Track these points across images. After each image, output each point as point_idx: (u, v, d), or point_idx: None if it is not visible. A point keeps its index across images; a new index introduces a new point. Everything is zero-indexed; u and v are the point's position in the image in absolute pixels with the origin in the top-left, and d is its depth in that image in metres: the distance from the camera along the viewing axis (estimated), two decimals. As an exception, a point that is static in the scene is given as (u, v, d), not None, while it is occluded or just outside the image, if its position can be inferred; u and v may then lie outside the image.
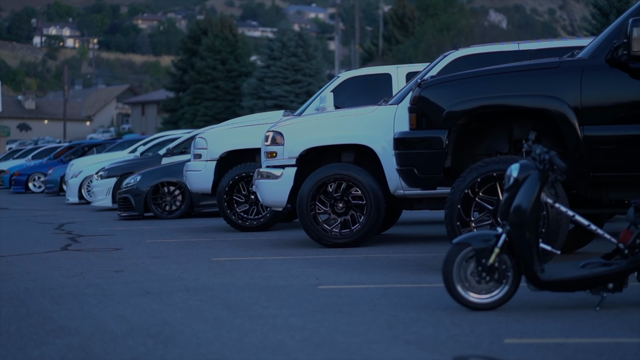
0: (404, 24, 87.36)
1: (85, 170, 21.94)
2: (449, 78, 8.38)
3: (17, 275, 9.11)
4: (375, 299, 7.02)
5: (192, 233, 13.42)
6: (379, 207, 10.54)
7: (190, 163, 13.72)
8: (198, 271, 9.02)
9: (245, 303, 7.04)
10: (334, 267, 9.03)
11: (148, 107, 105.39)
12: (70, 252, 11.30)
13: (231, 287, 7.84)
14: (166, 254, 10.64)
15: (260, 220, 13.25)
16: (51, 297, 7.66)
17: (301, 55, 65.26)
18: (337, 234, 10.68)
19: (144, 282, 8.35)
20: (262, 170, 11.00)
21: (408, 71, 13.14)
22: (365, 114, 10.77)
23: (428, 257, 9.66)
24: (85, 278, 8.77)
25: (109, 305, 7.13)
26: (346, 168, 10.61)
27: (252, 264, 9.42)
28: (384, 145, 10.57)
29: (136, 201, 16.16)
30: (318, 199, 10.68)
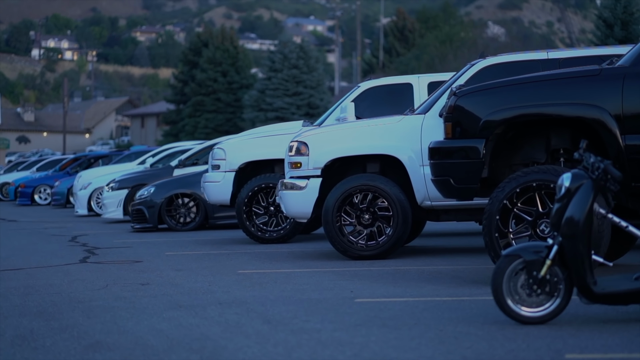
0: (405, 36, 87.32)
1: (94, 182, 21.73)
2: (486, 86, 8.19)
3: (41, 288, 8.91)
4: (417, 313, 6.83)
5: (210, 245, 13.22)
6: (406, 218, 10.35)
7: (208, 174, 13.52)
8: (226, 284, 8.82)
9: (284, 317, 6.84)
10: (365, 279, 8.84)
11: (147, 119, 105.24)
12: (89, 264, 11.10)
13: (265, 301, 7.64)
14: (189, 267, 10.44)
15: (280, 232, 13.05)
16: (81, 310, 7.47)
17: (302, 67, 65.10)
18: (363, 245, 10.48)
19: (174, 295, 8.15)
20: (286, 181, 10.81)
21: (430, 81, 12.96)
22: (391, 123, 10.59)
23: (460, 269, 9.47)
24: (111, 291, 8.58)
25: (143, 319, 6.93)
26: (373, 179, 10.42)
27: (281, 277, 9.23)
28: (411, 156, 10.39)
29: (150, 213, 15.96)
30: (344, 210, 10.49)
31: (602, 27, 37.70)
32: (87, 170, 24.57)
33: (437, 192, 10.12)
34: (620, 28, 36.10)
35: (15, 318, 7.19)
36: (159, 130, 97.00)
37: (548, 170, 7.73)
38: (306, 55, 65.74)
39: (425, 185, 10.37)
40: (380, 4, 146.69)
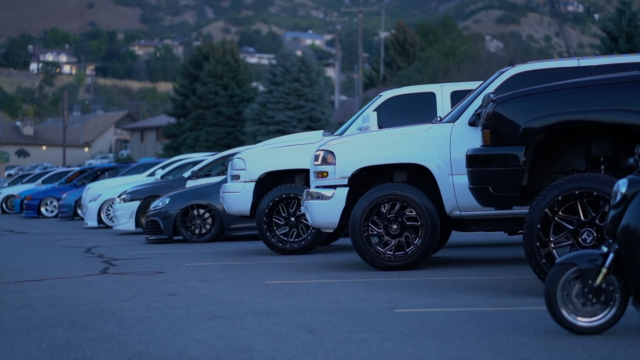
0: (405, 50, 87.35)
1: (104, 193, 21.56)
2: (525, 92, 8.03)
3: (68, 299, 8.73)
4: (463, 323, 6.65)
5: (230, 256, 13.04)
6: (435, 228, 10.19)
7: (228, 184, 13.34)
8: (257, 294, 8.64)
9: (326, 327, 6.66)
10: (399, 290, 8.66)
11: (147, 133, 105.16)
12: (111, 275, 10.92)
13: (302, 311, 7.46)
14: (214, 277, 10.26)
15: (301, 243, 12.87)
16: (114, 321, 7.28)
17: (304, 81, 65.00)
18: (390, 256, 10.30)
19: (206, 306, 7.97)
20: (311, 191, 10.63)
21: (453, 90, 12.81)
22: (419, 132, 10.43)
23: (493, 279, 9.29)
24: (141, 301, 8.39)
25: (181, 330, 6.75)
26: (401, 188, 10.25)
27: (311, 287, 9.05)
28: (440, 164, 10.23)
29: (165, 224, 15.77)
30: (371, 220, 10.31)
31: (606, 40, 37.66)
32: (95, 182, 24.41)
33: (466, 201, 10.01)
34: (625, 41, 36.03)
35: (48, 329, 7.01)
36: (159, 144, 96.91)
37: (591, 177, 7.57)
38: (307, 69, 65.64)
39: (454, 194, 10.21)
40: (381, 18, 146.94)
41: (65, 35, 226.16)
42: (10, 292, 9.41)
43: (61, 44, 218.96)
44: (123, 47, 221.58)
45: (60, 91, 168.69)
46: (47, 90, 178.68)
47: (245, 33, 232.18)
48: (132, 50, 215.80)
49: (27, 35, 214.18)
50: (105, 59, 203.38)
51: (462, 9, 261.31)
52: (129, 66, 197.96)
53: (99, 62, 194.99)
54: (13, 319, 7.52)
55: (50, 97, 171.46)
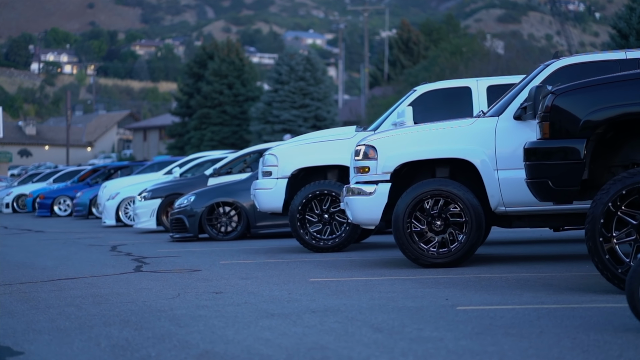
0: (409, 49, 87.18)
1: (122, 192, 21.33)
2: (585, 84, 7.80)
3: (110, 297, 8.51)
4: (534, 321, 6.43)
5: (262, 254, 12.81)
6: (480, 224, 9.96)
7: (259, 181, 13.11)
8: (306, 292, 8.42)
9: (392, 325, 6.44)
10: (452, 287, 8.44)
11: (150, 132, 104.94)
12: (146, 273, 10.69)
13: (360, 309, 7.24)
14: (254, 275, 10.03)
15: (335, 241, 12.64)
16: (167, 319, 7.06)
17: (309, 79, 64.80)
18: (434, 253, 10.08)
19: (257, 304, 7.75)
20: (352, 187, 10.40)
21: (489, 84, 12.59)
22: (463, 126, 10.21)
23: (545, 276, 9.07)
24: (187, 299, 8.17)
25: (241, 328, 6.53)
26: (445, 184, 10.02)
27: (359, 285, 8.82)
28: (484, 159, 10.01)
29: (190, 222, 15.54)
30: (414, 217, 10.09)
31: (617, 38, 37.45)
32: (112, 181, 24.17)
33: (512, 197, 9.80)
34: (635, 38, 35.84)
35: (101, 327, 6.79)
36: (162, 143, 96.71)
37: (655, 171, 7.34)
38: (313, 67, 65.42)
39: (499, 190, 9.99)
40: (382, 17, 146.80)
41: (66, 35, 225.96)
42: (49, 291, 9.19)
43: (62, 43, 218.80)
44: (124, 47, 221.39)
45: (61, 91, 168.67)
46: (48, 90, 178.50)
47: (246, 33, 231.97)
48: (133, 50, 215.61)
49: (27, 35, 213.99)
50: (106, 58, 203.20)
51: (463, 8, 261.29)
52: (130, 66, 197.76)
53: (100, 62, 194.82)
54: (61, 318, 7.30)
55: (52, 97, 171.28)
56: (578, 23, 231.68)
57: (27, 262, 12.76)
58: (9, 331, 6.76)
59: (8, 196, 34.33)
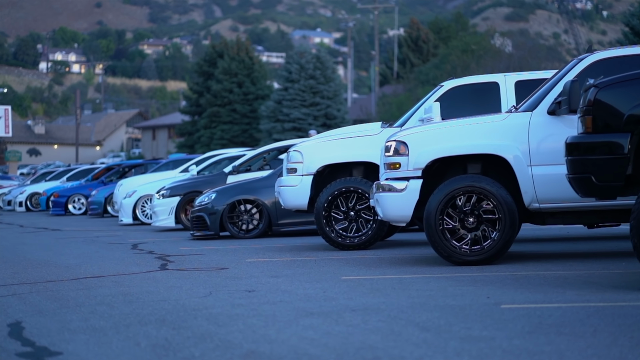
0: (419, 47, 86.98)
1: (139, 190, 21.17)
2: (629, 77, 7.62)
3: (141, 296, 8.34)
4: (584, 319, 6.25)
5: (287, 252, 12.63)
6: (514, 221, 9.78)
7: (284, 178, 12.92)
8: (341, 290, 8.24)
9: (438, 324, 6.26)
10: (489, 285, 8.26)
11: (159, 131, 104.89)
12: (173, 271, 10.53)
13: (401, 307, 7.07)
14: (284, 273, 9.86)
15: (361, 238, 12.45)
16: (204, 318, 6.89)
17: (319, 78, 64.63)
18: (467, 250, 9.89)
19: (293, 302, 7.58)
20: (382, 183, 10.21)
21: (517, 79, 12.41)
22: (496, 121, 10.03)
23: (584, 274, 8.88)
24: (220, 298, 8.00)
25: (282, 328, 6.36)
26: (478, 180, 9.84)
27: (394, 283, 8.64)
28: (517, 155, 9.82)
29: (211, 220, 15.37)
30: (446, 214, 9.90)
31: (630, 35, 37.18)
32: (128, 179, 24.02)
33: (546, 193, 9.63)
34: (647, 36, 35.64)
35: (137, 326, 6.62)
36: (171, 142, 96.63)
37: (702, 165, 7.16)
38: (323, 66, 65.25)
39: (533, 186, 9.81)
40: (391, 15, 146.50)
41: (74, 34, 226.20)
42: (77, 289, 9.03)
43: (70, 43, 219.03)
44: (132, 46, 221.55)
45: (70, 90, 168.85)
46: (57, 89, 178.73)
47: (254, 31, 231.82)
48: (140, 49, 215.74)
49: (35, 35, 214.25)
50: (114, 58, 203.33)
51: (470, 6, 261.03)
52: (138, 65, 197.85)
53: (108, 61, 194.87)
54: (94, 317, 7.14)
55: (60, 96, 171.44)
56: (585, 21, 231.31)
57: (49, 260, 12.61)
58: (43, 331, 6.60)
59: (21, 195, 34.20)
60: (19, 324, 6.93)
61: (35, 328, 6.72)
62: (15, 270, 11.19)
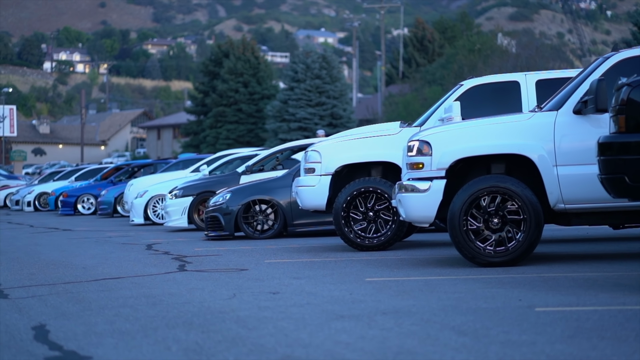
0: (424, 46, 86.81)
1: (150, 190, 21.03)
2: (663, 74, 7.48)
3: (164, 298, 8.20)
4: (624, 323, 6.12)
5: (305, 253, 12.49)
6: (539, 222, 9.63)
7: (302, 178, 12.78)
8: (367, 292, 8.10)
9: (473, 327, 6.13)
10: (519, 287, 8.12)
11: (164, 131, 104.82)
12: (192, 273, 10.39)
13: (433, 310, 6.93)
14: (306, 275, 9.72)
15: (380, 239, 12.30)
16: (233, 321, 6.75)
17: (325, 78, 64.47)
18: (491, 251, 9.75)
19: (321, 305, 7.44)
20: (405, 183, 10.07)
21: (538, 78, 12.26)
22: (521, 121, 9.89)
23: (613, 276, 8.74)
24: (245, 300, 7.86)
25: (315, 331, 6.23)
26: (502, 180, 9.69)
27: (420, 285, 8.50)
28: (543, 154, 9.67)
29: (226, 220, 15.23)
30: (470, 214, 9.76)
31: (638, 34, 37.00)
32: (138, 179, 23.88)
33: (572, 194, 9.49)
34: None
35: (165, 330, 6.49)
36: (176, 142, 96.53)
37: None
38: (329, 65, 65.08)
39: (558, 186, 9.67)
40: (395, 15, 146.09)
41: (78, 34, 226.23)
42: (97, 291, 8.89)
43: (74, 42, 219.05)
44: (136, 45, 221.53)
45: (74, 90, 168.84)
46: (61, 89, 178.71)
47: (258, 31, 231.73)
48: (145, 49, 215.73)
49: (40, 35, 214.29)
50: (119, 57, 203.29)
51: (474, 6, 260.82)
52: (142, 65, 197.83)
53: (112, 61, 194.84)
54: (119, 320, 7.01)
55: (64, 95, 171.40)
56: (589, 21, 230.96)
57: (64, 260, 12.48)
58: (69, 334, 6.47)
59: (30, 194, 34.06)
60: (43, 327, 6.81)
61: (60, 331, 6.59)
62: (32, 272, 11.06)
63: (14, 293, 9.00)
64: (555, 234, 14.59)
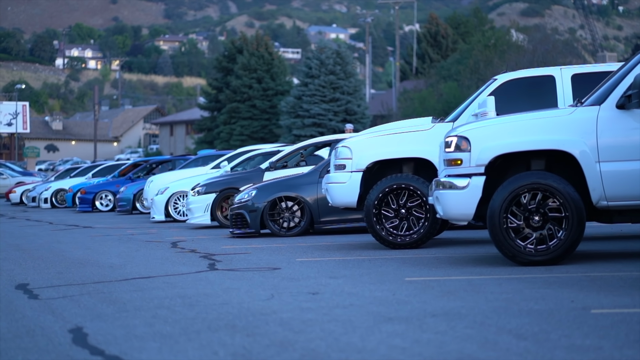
0: (438, 42, 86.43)
1: (171, 186, 20.80)
2: None
3: (200, 298, 7.96)
4: (690, 326, 5.85)
5: (336, 251, 12.23)
6: (581, 220, 9.35)
7: (332, 175, 12.51)
8: (410, 293, 7.85)
9: (532, 331, 5.88)
10: (567, 287, 7.85)
11: (176, 127, 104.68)
12: (224, 272, 10.15)
13: (485, 312, 6.68)
14: (342, 274, 9.47)
15: (412, 237, 12.02)
16: (277, 324, 6.51)
17: (339, 73, 64.20)
18: (531, 250, 9.48)
19: (365, 306, 7.19)
20: (442, 180, 9.80)
21: (574, 73, 11.98)
22: (562, 116, 9.61)
23: (661, 276, 8.48)
24: (285, 301, 7.62)
25: (365, 334, 5.99)
26: (544, 177, 9.42)
27: (463, 285, 8.24)
28: (585, 150, 9.39)
29: (252, 217, 14.98)
30: (510, 212, 9.49)
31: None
32: (158, 175, 23.63)
33: (615, 190, 9.25)
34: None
35: (208, 333, 6.26)
36: (189, 138, 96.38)
37: None
38: (343, 61, 64.80)
39: (601, 183, 9.39)
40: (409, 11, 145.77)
41: (90, 30, 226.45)
42: (130, 291, 8.66)
43: (86, 39, 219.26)
44: (147, 42, 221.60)
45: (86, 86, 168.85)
46: (73, 85, 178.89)
47: (269, 27, 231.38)
48: (156, 45, 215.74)
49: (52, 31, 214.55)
50: (130, 54, 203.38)
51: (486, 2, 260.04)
52: (154, 61, 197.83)
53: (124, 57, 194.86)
54: (158, 322, 6.78)
55: (76, 92, 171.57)
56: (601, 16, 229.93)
57: (90, 259, 12.26)
58: (108, 337, 6.24)
59: (46, 191, 33.85)
60: (80, 330, 6.59)
61: (99, 334, 6.36)
62: (59, 270, 10.85)
63: (44, 293, 8.78)
64: (587, 231, 14.31)
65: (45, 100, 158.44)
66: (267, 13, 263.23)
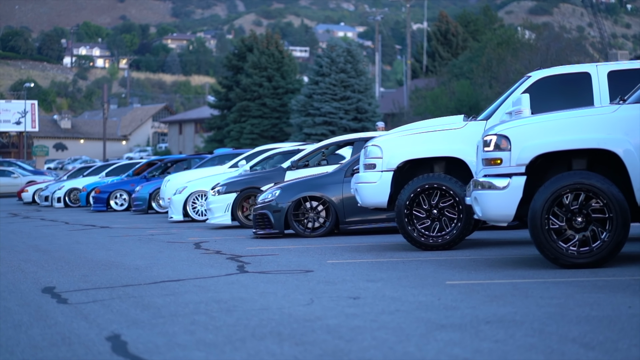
0: (448, 40, 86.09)
1: (189, 186, 20.51)
2: None
3: (237, 303, 7.67)
4: None
5: (366, 252, 11.93)
6: (626, 221, 9.06)
7: (362, 174, 12.21)
8: (456, 298, 7.55)
9: (597, 340, 5.61)
10: (618, 291, 7.56)
11: (185, 126, 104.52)
12: (255, 275, 9.86)
13: (539, 318, 6.40)
14: (379, 277, 9.18)
15: (445, 238, 11.72)
16: (324, 331, 6.23)
17: (350, 72, 63.90)
18: (574, 252, 9.18)
19: (413, 312, 6.91)
20: (481, 180, 9.50)
21: (610, 69, 11.67)
22: (605, 114, 9.30)
23: None
24: (326, 306, 7.34)
25: (421, 343, 5.71)
26: (587, 176, 9.11)
27: (509, 289, 7.94)
28: (629, 149, 9.08)
29: (275, 218, 14.69)
30: (552, 213, 9.19)
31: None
32: (175, 175, 23.34)
33: (661, 191, 8.91)
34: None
35: (253, 341, 5.98)
36: (198, 137, 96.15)
37: None
38: (354, 60, 64.51)
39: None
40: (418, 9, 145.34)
41: (98, 29, 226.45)
42: (162, 295, 8.37)
43: (94, 37, 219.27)
44: (155, 40, 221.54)
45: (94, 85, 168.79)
46: (81, 84, 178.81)
47: (277, 26, 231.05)
48: (164, 44, 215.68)
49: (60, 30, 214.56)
50: (138, 52, 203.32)
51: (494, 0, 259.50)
52: (162, 60, 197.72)
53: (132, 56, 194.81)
54: (198, 329, 6.49)
55: (84, 90, 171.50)
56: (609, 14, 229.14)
57: (113, 260, 11.98)
58: (149, 346, 5.96)
59: (60, 190, 33.56)
60: (118, 338, 6.30)
61: (139, 343, 6.08)
62: (84, 273, 10.57)
63: (73, 297, 8.50)
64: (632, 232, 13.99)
65: (54, 98, 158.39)
66: (275, 11, 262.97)
